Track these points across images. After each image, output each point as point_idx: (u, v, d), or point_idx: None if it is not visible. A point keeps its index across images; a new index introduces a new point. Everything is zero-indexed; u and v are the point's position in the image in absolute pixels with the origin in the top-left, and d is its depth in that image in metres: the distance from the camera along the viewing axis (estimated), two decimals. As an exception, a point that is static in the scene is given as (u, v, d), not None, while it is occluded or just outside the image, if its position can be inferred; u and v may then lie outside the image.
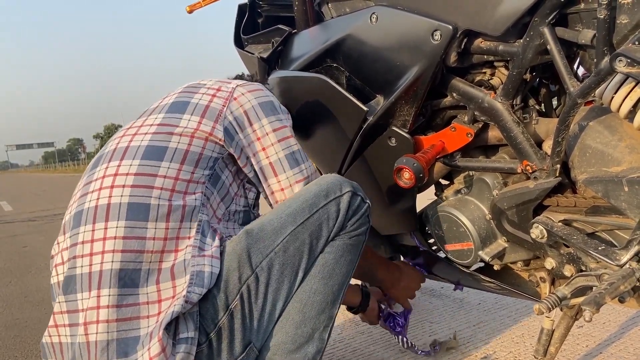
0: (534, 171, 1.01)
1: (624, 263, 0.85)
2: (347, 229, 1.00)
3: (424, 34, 1.04)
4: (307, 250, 0.97)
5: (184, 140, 1.00)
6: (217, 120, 1.02)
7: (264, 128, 1.05)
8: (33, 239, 4.60)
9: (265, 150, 1.04)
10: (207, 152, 1.01)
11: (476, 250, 1.14)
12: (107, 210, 0.93)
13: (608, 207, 0.92)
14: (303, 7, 1.36)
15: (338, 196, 0.99)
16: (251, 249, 0.94)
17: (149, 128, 1.02)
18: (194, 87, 1.10)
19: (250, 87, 1.09)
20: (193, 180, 0.98)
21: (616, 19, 0.82)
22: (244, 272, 0.93)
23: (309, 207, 0.98)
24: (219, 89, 1.08)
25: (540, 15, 0.92)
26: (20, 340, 1.96)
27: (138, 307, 0.88)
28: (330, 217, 0.98)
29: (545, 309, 0.86)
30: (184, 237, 0.93)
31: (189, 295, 0.87)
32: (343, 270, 1.00)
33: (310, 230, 0.97)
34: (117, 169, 0.97)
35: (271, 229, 0.96)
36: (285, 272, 0.95)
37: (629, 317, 1.64)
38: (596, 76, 0.85)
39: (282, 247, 0.95)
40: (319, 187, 1.00)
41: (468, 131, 1.10)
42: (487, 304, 1.86)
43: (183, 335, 0.87)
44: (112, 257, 0.89)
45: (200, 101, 1.05)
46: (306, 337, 0.97)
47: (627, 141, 0.91)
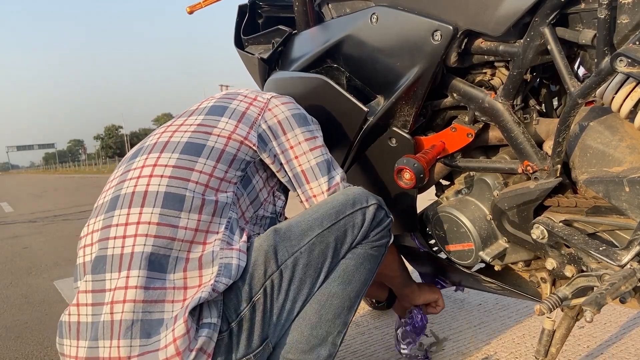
0: (534, 171, 1.01)
1: (625, 263, 0.85)
2: (369, 239, 1.04)
3: (425, 34, 1.04)
4: (331, 253, 1.00)
5: (220, 141, 1.05)
6: (252, 127, 1.09)
7: (297, 137, 1.10)
8: (34, 240, 4.60)
9: (298, 158, 1.10)
10: (241, 154, 1.06)
11: (477, 251, 1.14)
12: (144, 196, 0.97)
13: (609, 207, 0.92)
14: (303, 7, 1.36)
15: (364, 207, 1.03)
16: (278, 246, 0.97)
17: (189, 127, 1.08)
18: (232, 94, 1.17)
19: (283, 99, 1.16)
20: (226, 179, 1.03)
21: (617, 19, 0.82)
22: (270, 267, 0.96)
23: (336, 213, 1.02)
24: (255, 98, 1.15)
25: (541, 15, 0.92)
26: (21, 342, 1.96)
27: (165, 292, 0.91)
28: (356, 225, 1.02)
29: (546, 310, 0.86)
30: (213, 231, 0.97)
31: (216, 285, 0.90)
32: (362, 278, 1.03)
33: (335, 235, 1.00)
34: (157, 160, 1.02)
35: (299, 229, 1.00)
36: (309, 272, 0.98)
37: (630, 317, 1.64)
38: (597, 76, 0.85)
39: (308, 248, 0.99)
40: (346, 197, 1.04)
41: (468, 131, 1.10)
42: (488, 305, 1.86)
43: (206, 320, 0.90)
44: (144, 240, 0.93)
45: (238, 107, 1.12)
46: (320, 339, 1.00)
47: (628, 141, 0.90)
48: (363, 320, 1.80)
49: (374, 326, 1.72)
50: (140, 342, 0.88)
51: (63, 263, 3.30)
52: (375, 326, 1.72)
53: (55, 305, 2.38)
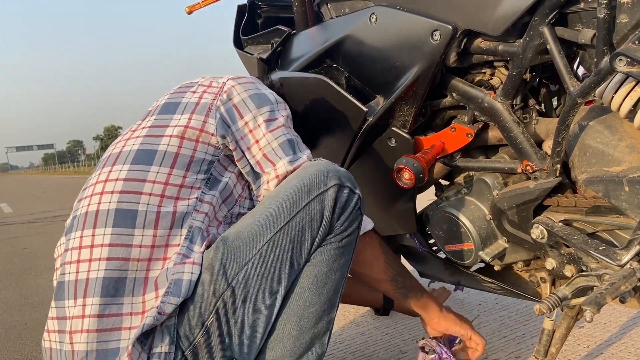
0: (534, 171, 1.01)
1: (625, 263, 0.85)
2: (335, 231, 0.92)
3: (424, 34, 1.04)
4: (289, 258, 0.90)
5: (173, 142, 0.97)
6: (208, 114, 0.99)
7: (256, 120, 1.00)
8: (33, 240, 4.60)
9: (259, 142, 0.99)
10: (199, 154, 0.97)
11: (476, 251, 1.14)
12: (96, 217, 0.91)
13: (608, 207, 0.92)
14: (302, 7, 1.35)
15: (322, 192, 0.90)
16: (226, 260, 0.88)
17: (141, 131, 1.00)
18: (185, 87, 1.07)
19: (241, 80, 1.06)
20: (185, 185, 0.94)
21: (616, 18, 0.82)
22: (219, 285, 0.86)
23: (289, 208, 0.90)
24: (209, 84, 1.05)
25: (540, 14, 0.92)
26: (20, 342, 1.96)
27: (121, 318, 0.85)
28: (314, 218, 0.90)
29: (546, 310, 0.86)
30: (173, 244, 0.90)
31: (162, 306, 0.83)
32: (337, 275, 0.94)
33: (291, 236, 0.89)
34: (108, 175, 0.95)
35: (247, 235, 0.89)
36: (265, 284, 0.89)
37: (630, 317, 1.64)
38: (596, 76, 0.85)
39: (260, 257, 0.88)
40: (301, 182, 0.91)
41: (468, 131, 1.10)
42: (488, 305, 1.86)
43: (156, 349, 0.83)
44: (98, 265, 0.87)
45: (190, 99, 1.02)
46: (306, 346, 0.94)
47: (628, 141, 0.90)
48: (363, 321, 1.80)
49: (374, 326, 1.72)
50: None
51: (62, 264, 3.30)
52: (375, 326, 1.72)
53: (55, 306, 2.38)
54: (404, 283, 1.13)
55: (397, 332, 1.66)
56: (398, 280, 1.12)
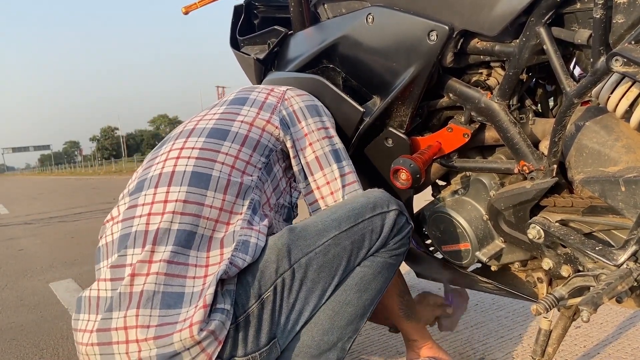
0: (530, 171, 1.01)
1: (622, 263, 0.85)
2: (388, 247, 1.01)
3: (420, 34, 1.04)
4: (347, 257, 0.98)
5: (244, 127, 1.09)
6: (273, 112, 1.13)
7: (310, 126, 1.13)
8: (29, 242, 4.58)
9: (312, 145, 1.11)
10: (264, 140, 1.09)
11: (473, 251, 1.14)
12: (171, 176, 1.00)
13: (605, 207, 0.92)
14: (299, 8, 1.35)
15: (385, 212, 1.00)
16: (292, 245, 0.95)
17: (213, 116, 1.12)
18: (249, 89, 1.21)
19: (298, 92, 1.20)
20: (251, 163, 1.05)
21: (612, 18, 0.82)
22: (282, 265, 0.94)
23: (354, 216, 0.99)
24: (272, 90, 1.19)
25: (537, 15, 0.92)
26: (16, 344, 1.95)
27: (187, 267, 0.92)
28: (375, 230, 0.99)
29: (543, 310, 0.86)
30: (236, 212, 0.99)
31: (234, 259, 0.91)
32: (378, 287, 1.01)
33: (353, 239, 0.98)
34: (184, 144, 1.05)
35: (314, 230, 0.98)
36: (322, 274, 0.96)
37: (627, 317, 1.64)
38: (592, 76, 0.85)
39: (323, 249, 0.96)
40: (367, 199, 1.02)
41: (465, 132, 1.10)
42: (485, 305, 1.86)
43: (220, 305, 0.89)
44: (171, 217, 0.95)
45: (257, 97, 1.16)
46: (330, 345, 0.98)
47: (624, 141, 0.90)
48: (360, 321, 1.79)
49: (371, 327, 1.72)
50: (160, 313, 0.88)
51: (58, 265, 3.29)
52: (373, 327, 1.72)
53: (51, 307, 2.37)
54: (408, 302, 1.23)
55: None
56: (404, 297, 1.22)
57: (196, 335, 0.85)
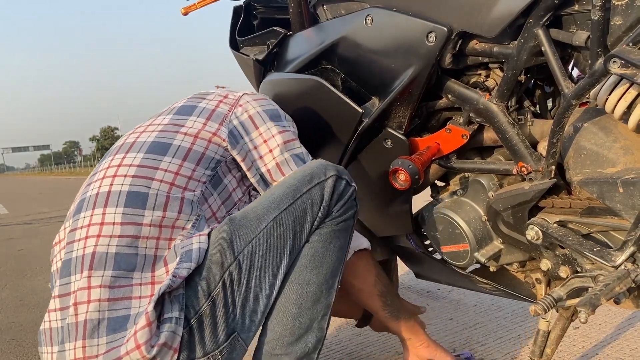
0: (529, 172, 1.01)
1: (619, 264, 0.85)
2: (333, 215, 0.99)
3: (419, 35, 1.04)
4: (291, 236, 0.96)
5: (187, 139, 1.04)
6: (222, 123, 1.07)
7: (270, 131, 1.08)
8: (29, 242, 4.58)
9: (272, 151, 1.07)
10: (210, 152, 1.04)
11: (472, 252, 1.14)
12: (107, 197, 0.96)
13: (603, 208, 0.92)
14: (298, 9, 1.35)
15: (322, 180, 0.98)
16: (233, 236, 0.93)
17: (157, 127, 1.07)
18: (202, 94, 1.15)
19: (256, 96, 1.14)
20: (194, 178, 1.01)
21: (610, 20, 0.82)
22: (226, 258, 0.92)
23: (292, 193, 0.97)
24: (226, 96, 1.13)
25: (535, 17, 0.92)
26: (16, 344, 1.96)
27: (131, 288, 0.90)
28: (315, 202, 0.97)
29: (541, 310, 0.86)
30: (179, 226, 0.96)
31: (177, 271, 0.89)
32: (334, 258, 0.99)
33: (294, 216, 0.96)
34: (122, 161, 1.01)
35: (254, 215, 0.95)
36: (269, 259, 0.94)
37: (625, 318, 1.64)
38: (590, 77, 0.85)
39: (265, 234, 0.94)
40: (303, 173, 0.99)
41: (463, 133, 1.10)
42: (484, 306, 1.87)
43: (167, 315, 0.88)
44: (108, 240, 0.92)
45: (207, 105, 1.10)
46: (305, 327, 0.97)
47: (622, 142, 0.91)
48: (359, 322, 1.80)
49: (370, 327, 1.72)
50: (107, 340, 0.86)
51: (58, 265, 3.29)
52: (371, 327, 1.72)
53: (50, 307, 2.37)
54: (392, 302, 1.22)
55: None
56: (387, 297, 1.21)
57: (147, 354, 0.84)
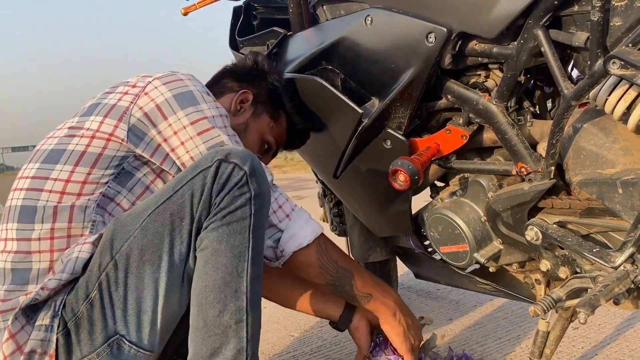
0: (528, 173, 1.01)
1: (619, 265, 0.85)
2: (217, 207, 0.88)
3: (419, 36, 1.04)
4: (169, 232, 0.88)
5: (82, 142, 0.98)
6: (121, 119, 0.99)
7: (180, 121, 0.98)
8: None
9: (184, 144, 0.98)
10: (110, 151, 0.98)
11: (471, 252, 1.14)
12: (8, 212, 0.97)
13: (602, 209, 0.92)
14: (298, 9, 1.36)
15: (205, 168, 0.88)
16: (114, 235, 0.89)
17: (61, 132, 1.02)
18: (113, 87, 1.07)
19: (168, 78, 1.02)
20: (89, 181, 0.96)
21: (610, 21, 0.82)
22: (104, 259, 0.88)
23: (174, 184, 0.89)
24: (134, 85, 1.03)
25: (534, 17, 0.92)
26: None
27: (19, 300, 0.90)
28: (195, 193, 0.87)
29: (541, 311, 0.86)
30: (75, 235, 0.94)
31: (46, 283, 0.88)
32: (229, 257, 0.88)
33: (171, 210, 0.88)
34: (22, 172, 1.01)
35: (136, 211, 0.90)
36: (145, 256, 0.88)
37: (624, 318, 1.64)
38: (590, 78, 0.85)
39: (141, 230, 0.88)
40: (194, 162, 0.91)
41: (463, 133, 1.10)
42: (483, 306, 1.87)
43: (38, 322, 0.87)
44: (5, 256, 0.93)
45: (109, 101, 1.02)
46: (219, 339, 0.88)
47: (622, 143, 0.91)
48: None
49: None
50: None
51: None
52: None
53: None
54: (343, 289, 1.13)
55: (392, 334, 1.66)
56: (336, 286, 1.12)
57: (10, 359, 0.84)
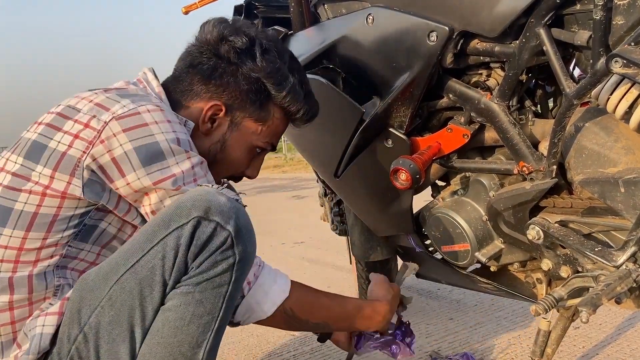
0: (530, 172, 1.01)
1: (621, 264, 0.85)
2: (191, 272, 0.77)
3: (420, 35, 1.04)
4: (138, 303, 0.76)
5: (32, 200, 0.81)
6: (73, 173, 0.81)
7: (141, 181, 0.82)
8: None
9: (148, 196, 0.84)
10: (67, 211, 0.82)
11: (473, 252, 1.14)
12: None
13: (604, 208, 0.92)
14: (299, 8, 1.35)
15: (181, 225, 0.75)
16: (82, 302, 0.78)
17: (4, 177, 0.84)
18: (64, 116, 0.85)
19: (129, 122, 0.82)
20: (46, 246, 0.82)
21: (612, 20, 0.82)
22: (73, 330, 0.78)
23: (144, 242, 0.77)
24: (87, 123, 0.83)
25: (536, 16, 0.92)
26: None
27: None
28: (167, 256, 0.75)
29: (542, 310, 0.86)
30: (38, 300, 0.83)
31: None
32: (192, 327, 0.77)
33: (141, 276, 0.76)
34: None
35: (103, 273, 0.78)
36: (115, 331, 0.77)
37: (626, 318, 1.64)
38: (592, 77, 0.85)
39: (109, 300, 0.76)
40: (166, 211, 0.78)
41: (464, 132, 1.10)
42: (484, 305, 1.87)
43: None
44: None
45: (58, 145, 0.82)
46: None
47: (623, 142, 0.91)
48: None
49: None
50: None
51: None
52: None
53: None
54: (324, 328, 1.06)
55: (393, 333, 1.65)
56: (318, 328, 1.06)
57: None
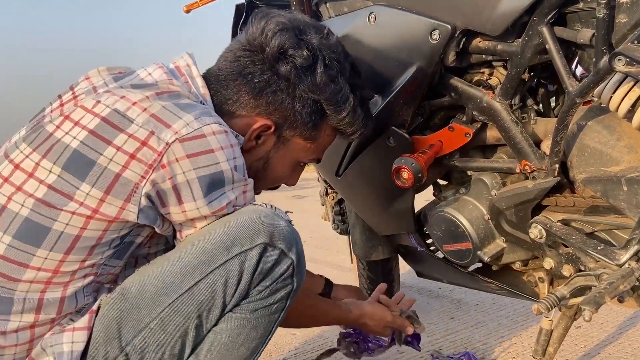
0: (532, 171, 1.01)
1: (623, 263, 0.85)
2: (252, 297, 0.77)
3: (423, 33, 1.04)
4: (194, 327, 0.75)
5: (75, 222, 0.74)
6: (129, 200, 0.75)
7: (200, 211, 0.78)
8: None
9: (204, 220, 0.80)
10: (112, 234, 0.77)
11: (474, 251, 1.14)
12: None
13: (607, 206, 0.92)
14: (300, 6, 1.35)
15: (245, 250, 0.75)
16: (123, 320, 0.75)
17: (37, 187, 0.74)
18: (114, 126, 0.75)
19: (194, 147, 0.75)
20: (84, 267, 0.78)
21: (615, 18, 0.82)
22: (111, 349, 0.74)
23: (203, 265, 0.74)
24: (145, 141, 0.74)
25: (539, 14, 0.92)
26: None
27: None
28: (230, 280, 0.74)
29: (544, 309, 0.86)
30: (61, 317, 0.79)
31: None
32: (241, 352, 0.78)
33: (199, 300, 0.74)
34: None
35: (151, 292, 0.75)
36: (165, 354, 0.75)
37: (627, 317, 1.64)
38: (595, 75, 0.85)
39: (160, 322, 0.74)
40: (226, 232, 0.76)
41: (466, 131, 1.10)
42: (485, 305, 1.86)
43: None
44: None
45: (110, 164, 0.74)
46: None
47: (626, 140, 0.90)
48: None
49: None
50: None
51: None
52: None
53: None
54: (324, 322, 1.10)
55: (394, 332, 1.65)
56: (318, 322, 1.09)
57: None
